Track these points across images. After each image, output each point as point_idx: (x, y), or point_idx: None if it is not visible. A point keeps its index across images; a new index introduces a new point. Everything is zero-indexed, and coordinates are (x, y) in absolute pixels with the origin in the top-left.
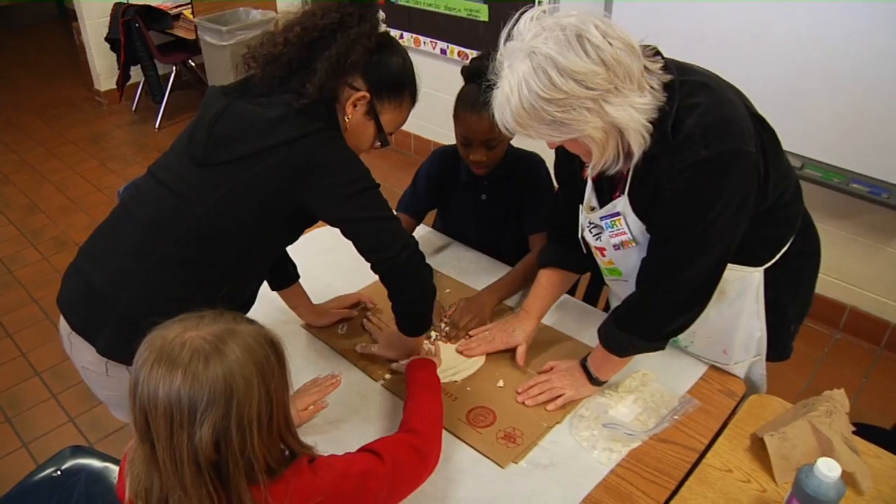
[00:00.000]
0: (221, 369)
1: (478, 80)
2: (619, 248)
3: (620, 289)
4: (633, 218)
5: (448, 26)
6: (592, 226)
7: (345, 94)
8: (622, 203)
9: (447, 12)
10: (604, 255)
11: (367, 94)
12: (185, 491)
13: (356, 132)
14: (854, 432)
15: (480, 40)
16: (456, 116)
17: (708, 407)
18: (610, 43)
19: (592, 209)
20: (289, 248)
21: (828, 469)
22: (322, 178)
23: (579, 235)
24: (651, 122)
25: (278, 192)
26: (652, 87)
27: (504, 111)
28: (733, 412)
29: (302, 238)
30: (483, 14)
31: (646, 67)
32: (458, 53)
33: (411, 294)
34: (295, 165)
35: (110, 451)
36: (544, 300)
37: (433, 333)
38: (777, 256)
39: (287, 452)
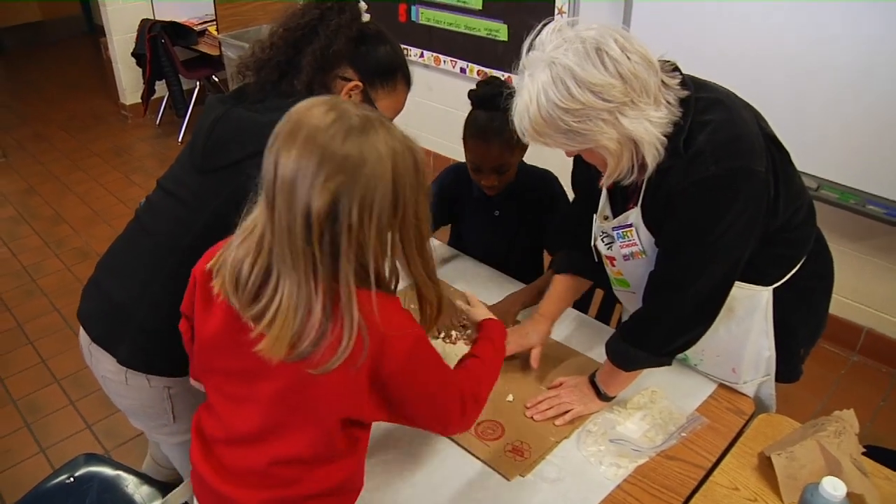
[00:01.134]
0: (358, 146)
1: (485, 106)
2: (628, 259)
3: (629, 301)
4: (643, 230)
5: (468, 45)
6: (605, 235)
7: (337, 87)
8: (634, 215)
9: (467, 32)
10: (613, 265)
11: (360, 84)
12: (293, 255)
13: None
14: (865, 454)
15: (500, 59)
16: (465, 143)
17: (716, 425)
18: (628, 57)
19: (606, 218)
20: None
21: (833, 488)
22: None
23: (592, 244)
24: (666, 136)
25: None
26: (668, 102)
27: (523, 119)
28: (742, 431)
29: None
30: (503, 34)
31: (663, 82)
32: (478, 72)
33: None
34: None
35: (126, 459)
36: (558, 304)
37: (454, 332)
38: (787, 276)
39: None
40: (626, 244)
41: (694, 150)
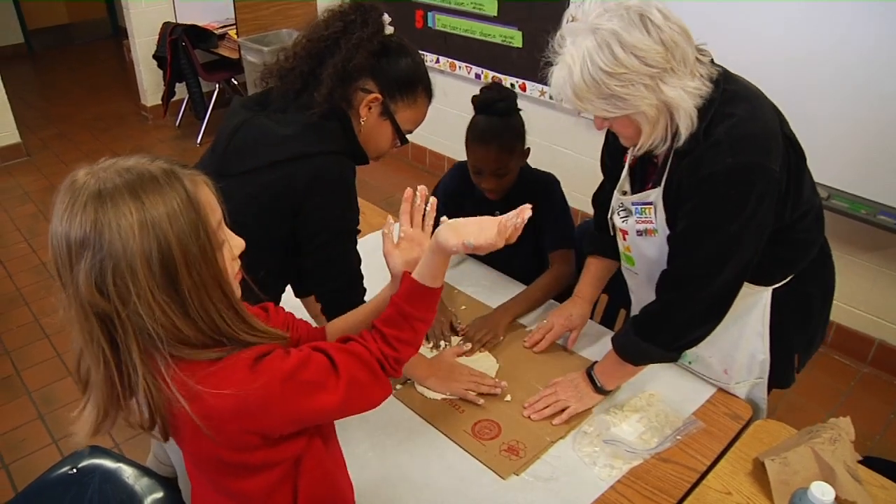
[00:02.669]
0: (95, 212)
1: (486, 111)
2: (641, 235)
3: (632, 281)
4: (661, 211)
5: (483, 52)
6: (622, 208)
7: (358, 99)
8: (656, 194)
9: (483, 38)
10: (625, 239)
11: (380, 96)
12: (84, 340)
13: (373, 133)
14: (864, 464)
15: (514, 65)
16: (467, 146)
17: (712, 429)
18: (669, 26)
19: (624, 193)
20: None
21: (821, 493)
22: (315, 199)
23: (608, 216)
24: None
25: (278, 200)
26: (701, 75)
27: (564, 84)
28: (738, 436)
29: None
30: (517, 40)
31: (697, 58)
32: (493, 78)
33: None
34: (296, 181)
35: (134, 453)
36: (594, 285)
37: (443, 344)
38: (787, 279)
39: (218, 332)
40: (642, 220)
41: (713, 139)
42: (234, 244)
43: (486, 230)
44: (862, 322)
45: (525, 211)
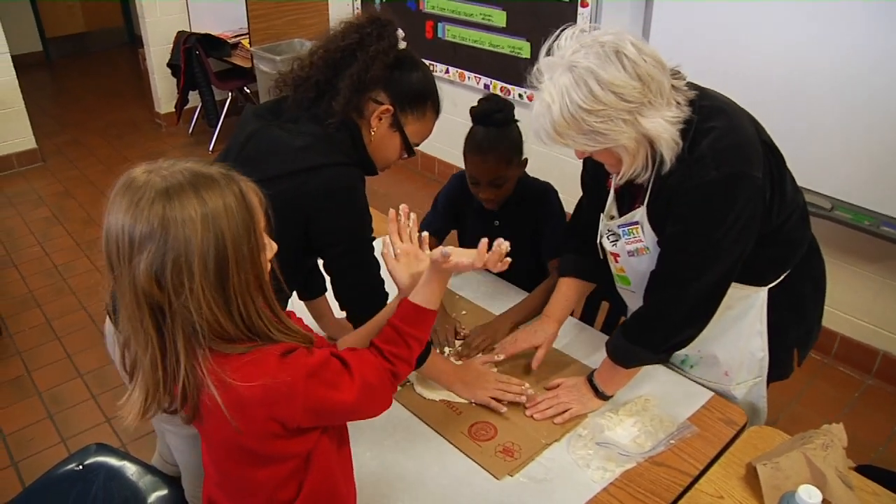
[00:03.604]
0: (163, 208)
1: (483, 122)
2: (633, 255)
3: (630, 299)
4: (648, 227)
5: (492, 62)
6: (610, 233)
7: (369, 109)
8: (640, 213)
9: (491, 49)
10: (617, 262)
11: (391, 108)
12: (133, 328)
13: (382, 144)
14: (859, 471)
15: (523, 76)
16: (464, 157)
17: (706, 434)
18: (644, 59)
19: (612, 218)
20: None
21: (808, 496)
22: (327, 208)
23: (597, 241)
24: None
25: (288, 209)
26: (678, 102)
27: (543, 120)
28: (732, 441)
29: None
30: (525, 51)
31: (672, 85)
32: (501, 89)
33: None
34: (308, 191)
35: (140, 452)
36: (564, 306)
37: (447, 349)
38: (781, 277)
39: (252, 330)
40: (631, 241)
41: (697, 154)
42: (270, 247)
43: (470, 252)
44: (866, 333)
45: (503, 244)
